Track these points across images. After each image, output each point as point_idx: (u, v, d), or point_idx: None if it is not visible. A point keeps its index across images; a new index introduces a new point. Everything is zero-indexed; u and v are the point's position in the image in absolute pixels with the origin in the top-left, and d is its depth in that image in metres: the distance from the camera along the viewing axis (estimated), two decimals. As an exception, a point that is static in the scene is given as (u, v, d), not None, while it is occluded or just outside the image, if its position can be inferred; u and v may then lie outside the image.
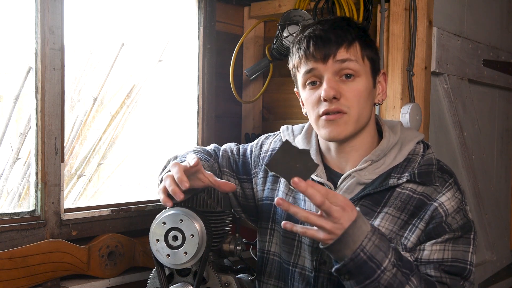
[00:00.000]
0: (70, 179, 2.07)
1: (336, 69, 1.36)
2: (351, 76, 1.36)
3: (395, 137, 1.44)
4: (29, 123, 1.82)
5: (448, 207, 1.34)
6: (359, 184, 1.41)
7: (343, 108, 1.36)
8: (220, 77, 2.40)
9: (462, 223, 1.35)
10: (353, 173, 1.41)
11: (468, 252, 1.34)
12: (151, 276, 1.53)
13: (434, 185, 1.37)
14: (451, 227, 1.33)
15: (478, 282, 2.58)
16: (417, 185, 1.38)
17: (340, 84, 1.36)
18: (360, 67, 1.37)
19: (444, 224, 1.33)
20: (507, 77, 2.72)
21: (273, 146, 1.61)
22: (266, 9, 2.43)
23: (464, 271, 1.33)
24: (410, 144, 1.43)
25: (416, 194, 1.37)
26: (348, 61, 1.35)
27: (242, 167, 1.63)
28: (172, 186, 1.29)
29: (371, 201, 1.39)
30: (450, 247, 1.33)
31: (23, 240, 1.70)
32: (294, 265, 1.48)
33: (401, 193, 1.37)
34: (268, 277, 1.55)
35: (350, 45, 1.36)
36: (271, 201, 1.55)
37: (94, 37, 2.11)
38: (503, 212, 2.83)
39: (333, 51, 1.35)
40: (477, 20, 2.48)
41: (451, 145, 2.41)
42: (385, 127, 1.46)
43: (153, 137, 2.29)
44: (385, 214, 1.37)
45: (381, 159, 1.42)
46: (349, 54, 1.36)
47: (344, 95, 1.36)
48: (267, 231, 1.56)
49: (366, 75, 1.39)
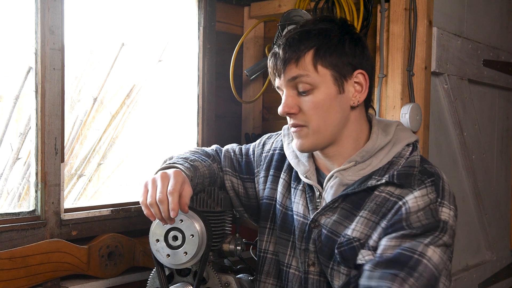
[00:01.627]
0: (70, 179, 2.07)
1: (292, 85, 1.37)
2: (306, 91, 1.35)
3: (385, 138, 1.40)
4: (29, 123, 1.82)
5: (411, 205, 1.29)
6: (342, 185, 1.39)
7: (300, 122, 1.37)
8: (220, 77, 2.40)
9: (426, 222, 1.27)
10: (336, 173, 1.40)
11: (421, 243, 1.25)
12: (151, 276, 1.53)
13: (412, 188, 1.32)
14: (411, 225, 1.27)
15: (478, 282, 2.58)
16: (396, 188, 1.34)
17: (298, 98, 1.37)
18: (315, 79, 1.34)
19: (404, 221, 1.28)
20: (507, 77, 2.72)
21: (275, 146, 1.61)
22: (266, 9, 2.43)
23: (408, 260, 1.23)
24: (399, 146, 1.40)
25: (392, 197, 1.33)
26: (299, 77, 1.34)
27: (245, 167, 1.63)
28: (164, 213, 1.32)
29: (351, 205, 1.37)
30: (406, 243, 1.26)
31: (23, 240, 1.70)
32: (289, 266, 1.49)
33: (377, 196, 1.35)
34: (266, 276, 1.55)
35: (298, 60, 1.34)
36: (271, 201, 1.55)
37: (94, 37, 2.11)
38: (503, 212, 2.83)
39: (283, 68, 1.36)
40: (477, 20, 2.48)
41: (451, 145, 2.41)
42: (374, 128, 1.43)
43: (153, 137, 2.29)
44: (360, 217, 1.35)
45: (367, 160, 1.39)
46: (299, 69, 1.34)
47: (302, 109, 1.36)
48: (266, 230, 1.56)
49: (326, 84, 1.35)
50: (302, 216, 1.45)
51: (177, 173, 1.34)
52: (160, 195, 1.30)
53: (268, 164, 1.59)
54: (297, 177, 1.50)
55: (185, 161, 1.48)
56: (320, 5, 2.20)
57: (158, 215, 1.32)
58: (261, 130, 2.53)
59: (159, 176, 1.34)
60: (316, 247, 1.41)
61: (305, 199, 1.46)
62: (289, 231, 1.48)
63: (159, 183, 1.32)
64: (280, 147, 1.59)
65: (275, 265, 1.54)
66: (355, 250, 1.33)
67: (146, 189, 1.34)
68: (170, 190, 1.30)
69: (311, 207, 1.44)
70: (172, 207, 1.29)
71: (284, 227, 1.50)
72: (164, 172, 1.35)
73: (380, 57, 2.08)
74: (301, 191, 1.47)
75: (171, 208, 1.29)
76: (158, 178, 1.33)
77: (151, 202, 1.32)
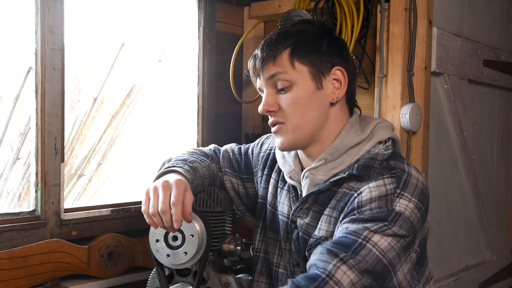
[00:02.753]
0: (70, 179, 2.07)
1: (271, 84, 1.38)
2: (285, 88, 1.36)
3: (359, 136, 1.38)
4: (29, 123, 1.82)
5: (364, 194, 1.25)
6: (313, 185, 1.38)
7: (279, 119, 1.38)
8: (220, 77, 2.40)
9: (378, 212, 1.22)
10: (307, 172, 1.39)
11: (366, 229, 1.18)
12: (151, 276, 1.53)
13: (370, 180, 1.28)
14: (363, 213, 1.23)
15: (478, 282, 2.58)
16: (356, 182, 1.31)
17: (277, 96, 1.38)
18: (292, 75, 1.35)
19: (356, 210, 1.24)
20: (507, 77, 2.72)
21: (271, 146, 1.62)
22: (266, 9, 2.43)
23: (352, 243, 1.16)
24: (369, 144, 1.37)
25: (351, 191, 1.31)
26: (277, 74, 1.36)
27: (244, 167, 1.64)
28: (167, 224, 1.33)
29: (320, 205, 1.37)
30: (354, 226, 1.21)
31: (23, 240, 1.70)
32: (277, 265, 1.51)
33: (338, 192, 1.34)
34: (259, 275, 1.57)
35: (275, 58, 1.36)
36: (264, 200, 1.57)
37: (94, 37, 2.11)
38: (503, 212, 2.83)
39: (262, 67, 1.38)
40: (477, 20, 2.48)
41: (451, 145, 2.41)
42: (346, 126, 1.40)
43: (153, 137, 2.29)
44: (324, 216, 1.35)
45: (338, 158, 1.37)
46: (276, 67, 1.36)
47: (282, 107, 1.37)
48: (258, 229, 1.58)
49: (303, 80, 1.35)
50: (286, 216, 1.46)
51: (178, 182, 1.34)
52: (162, 206, 1.31)
53: (264, 164, 1.60)
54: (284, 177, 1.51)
55: (184, 163, 1.48)
56: (320, 5, 2.20)
57: (160, 224, 1.33)
58: (261, 130, 2.53)
59: (161, 185, 1.34)
60: (295, 248, 1.43)
61: (289, 199, 1.47)
62: (277, 231, 1.50)
63: (161, 193, 1.32)
64: None
65: (267, 264, 1.55)
66: None
67: (148, 197, 1.35)
68: (174, 201, 1.30)
69: (294, 207, 1.44)
70: (176, 218, 1.30)
71: (272, 227, 1.51)
72: (165, 181, 1.35)
73: (380, 57, 2.08)
74: (286, 191, 1.49)
75: (175, 219, 1.30)
76: (160, 187, 1.33)
77: (153, 212, 1.32)
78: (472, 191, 2.51)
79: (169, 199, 1.31)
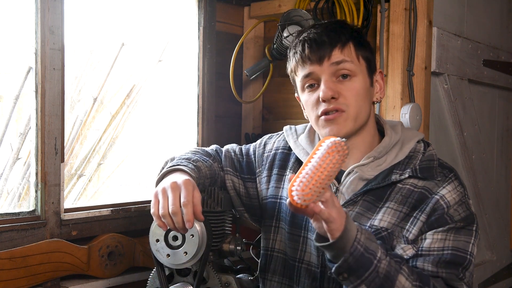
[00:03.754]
0: (70, 179, 2.07)
1: (333, 71, 1.40)
2: (348, 76, 1.41)
3: (397, 136, 1.47)
4: (29, 123, 1.82)
5: (449, 199, 1.37)
6: (362, 180, 1.43)
7: (341, 107, 1.40)
8: (220, 77, 2.40)
9: (465, 215, 1.37)
10: (356, 168, 1.44)
11: (469, 243, 1.36)
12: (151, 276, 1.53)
13: (436, 179, 1.40)
14: (453, 219, 1.36)
15: (478, 282, 2.58)
16: (418, 180, 1.41)
17: (337, 84, 1.40)
18: (356, 67, 1.41)
19: (446, 215, 1.36)
20: (507, 77, 2.72)
21: (276, 146, 1.62)
22: (266, 9, 2.43)
23: (463, 261, 1.35)
24: (411, 143, 1.47)
25: (417, 188, 1.40)
26: (344, 62, 1.40)
27: (246, 166, 1.63)
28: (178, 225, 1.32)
29: (374, 197, 1.41)
30: (451, 236, 1.35)
31: (23, 240, 1.70)
32: (300, 261, 1.49)
33: (402, 188, 1.40)
34: (272, 274, 1.55)
35: (344, 46, 1.40)
36: (276, 199, 1.56)
37: (94, 37, 2.11)
38: (503, 212, 2.83)
39: (328, 53, 1.40)
40: (477, 20, 2.48)
41: (451, 145, 2.41)
42: (386, 126, 1.50)
43: (153, 137, 2.29)
44: (386, 208, 1.39)
45: (383, 156, 1.45)
46: (343, 55, 1.40)
47: (342, 94, 1.40)
48: (271, 228, 1.56)
49: (363, 74, 1.43)
50: None
51: (187, 182, 1.34)
52: (173, 207, 1.30)
53: (271, 163, 1.59)
54: None
55: (188, 162, 1.48)
56: (320, 5, 2.20)
57: (171, 226, 1.32)
58: (261, 130, 2.53)
59: (169, 187, 1.33)
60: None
61: None
62: (300, 226, 1.49)
63: (170, 194, 1.32)
64: (283, 146, 1.60)
65: (282, 262, 1.54)
66: (383, 240, 1.37)
67: (157, 199, 1.34)
68: (184, 202, 1.30)
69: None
70: (188, 218, 1.29)
71: (295, 223, 1.50)
72: (174, 182, 1.34)
73: (380, 57, 2.08)
74: None
75: (187, 219, 1.29)
76: (169, 189, 1.33)
77: (164, 213, 1.31)
78: (472, 191, 2.51)
79: (179, 200, 1.31)
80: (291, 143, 1.56)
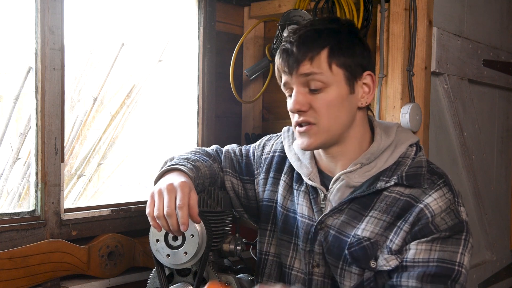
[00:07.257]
0: (70, 179, 2.07)
1: (303, 81, 1.36)
2: (318, 89, 1.35)
3: (388, 139, 1.42)
4: (29, 123, 1.82)
5: (434, 208, 1.32)
6: (348, 187, 1.40)
7: (311, 120, 1.36)
8: (220, 77, 2.40)
9: (452, 224, 1.31)
10: (342, 175, 1.40)
11: (457, 253, 1.31)
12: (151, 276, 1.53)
13: (423, 187, 1.35)
14: (439, 228, 1.31)
15: (478, 282, 2.58)
16: (405, 188, 1.36)
17: (308, 96, 1.36)
18: (328, 77, 1.34)
19: (430, 224, 1.31)
20: (507, 77, 2.72)
21: (275, 148, 1.61)
22: (266, 9, 2.43)
23: (451, 273, 1.29)
24: (402, 147, 1.41)
25: (403, 196, 1.35)
26: (312, 74, 1.34)
27: (245, 168, 1.63)
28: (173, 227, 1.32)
29: (359, 205, 1.38)
30: (437, 247, 1.30)
31: (23, 240, 1.70)
32: (291, 268, 1.49)
33: (387, 196, 1.36)
34: (267, 278, 1.55)
35: (313, 58, 1.34)
36: (271, 203, 1.55)
37: (94, 37, 2.11)
38: (503, 212, 2.83)
39: (296, 66, 1.35)
40: (477, 20, 2.48)
41: (451, 145, 2.41)
42: (377, 130, 1.44)
43: (153, 137, 2.29)
44: (370, 217, 1.36)
45: (372, 162, 1.40)
46: (313, 67, 1.34)
47: (313, 106, 1.35)
48: (266, 232, 1.56)
49: (338, 83, 1.35)
50: (307, 217, 1.45)
51: (183, 185, 1.33)
52: (168, 209, 1.30)
53: (268, 166, 1.59)
54: (299, 178, 1.49)
55: (187, 161, 1.48)
56: (320, 5, 2.20)
57: (165, 227, 1.32)
58: (261, 130, 2.53)
59: (165, 188, 1.33)
60: (323, 248, 1.41)
61: (308, 201, 1.46)
62: (291, 233, 1.48)
63: (166, 196, 1.32)
64: (280, 149, 1.59)
65: (277, 267, 1.54)
66: (365, 250, 1.34)
67: (152, 200, 1.34)
68: (180, 204, 1.29)
69: (316, 208, 1.43)
70: (182, 221, 1.29)
71: (286, 229, 1.50)
72: (170, 184, 1.34)
73: (380, 57, 2.08)
74: (304, 193, 1.47)
75: (181, 222, 1.29)
76: (165, 190, 1.33)
77: (159, 215, 1.31)
78: (472, 191, 2.51)
79: (174, 202, 1.30)
80: (286, 147, 1.54)
